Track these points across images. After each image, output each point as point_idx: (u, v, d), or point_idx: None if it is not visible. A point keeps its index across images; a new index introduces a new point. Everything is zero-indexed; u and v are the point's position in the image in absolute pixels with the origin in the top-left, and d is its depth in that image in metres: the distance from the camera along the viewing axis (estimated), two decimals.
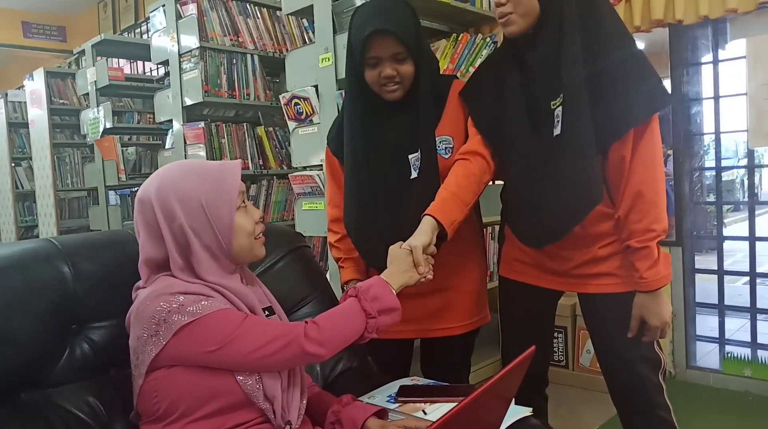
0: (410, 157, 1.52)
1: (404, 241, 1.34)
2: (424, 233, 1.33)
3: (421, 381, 1.41)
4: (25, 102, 5.17)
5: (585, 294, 1.51)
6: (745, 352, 2.80)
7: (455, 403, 1.21)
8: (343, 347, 1.10)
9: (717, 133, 2.86)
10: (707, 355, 2.93)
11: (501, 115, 1.47)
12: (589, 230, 1.43)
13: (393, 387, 1.33)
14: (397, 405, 1.24)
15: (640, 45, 2.96)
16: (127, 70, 5.57)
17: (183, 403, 1.01)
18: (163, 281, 1.06)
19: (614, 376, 1.52)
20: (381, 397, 1.28)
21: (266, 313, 1.17)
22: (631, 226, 1.36)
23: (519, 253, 1.60)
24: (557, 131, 1.35)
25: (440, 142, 1.54)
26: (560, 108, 1.34)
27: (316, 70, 2.43)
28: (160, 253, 1.08)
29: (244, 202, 1.12)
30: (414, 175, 1.52)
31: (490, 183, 1.56)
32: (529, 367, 0.98)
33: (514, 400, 1.11)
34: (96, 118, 3.89)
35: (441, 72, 1.83)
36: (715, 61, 2.82)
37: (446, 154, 1.54)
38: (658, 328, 1.38)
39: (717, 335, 2.91)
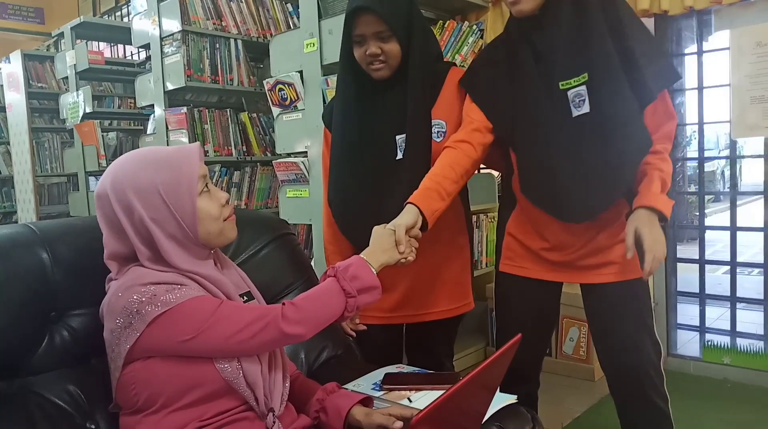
0: (397, 137, 1.53)
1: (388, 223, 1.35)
2: (407, 214, 1.32)
3: (407, 369, 1.41)
4: (1, 85, 5.06)
5: (588, 284, 1.52)
6: (725, 340, 2.84)
7: (441, 391, 1.21)
8: (324, 326, 1.08)
9: (701, 123, 2.88)
10: (688, 343, 2.97)
11: (513, 100, 1.46)
12: (601, 215, 1.43)
13: (378, 375, 1.32)
14: (382, 393, 1.23)
15: None
16: (107, 54, 5.47)
17: (163, 393, 0.99)
18: (134, 272, 1.03)
19: (619, 363, 1.52)
20: (366, 384, 1.28)
21: (244, 298, 1.15)
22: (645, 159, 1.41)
23: (520, 248, 1.59)
24: (583, 110, 1.36)
25: (433, 126, 1.54)
26: (583, 87, 1.35)
27: (301, 56, 2.41)
28: (125, 247, 1.05)
29: (206, 186, 1.08)
30: (399, 155, 1.52)
31: (476, 172, 1.56)
32: (524, 362, 0.98)
33: (498, 388, 1.11)
34: (76, 102, 3.81)
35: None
36: (700, 52, 2.83)
37: (438, 137, 1.55)
38: (650, 238, 1.33)
39: (697, 324, 2.95)
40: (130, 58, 5.61)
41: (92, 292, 1.14)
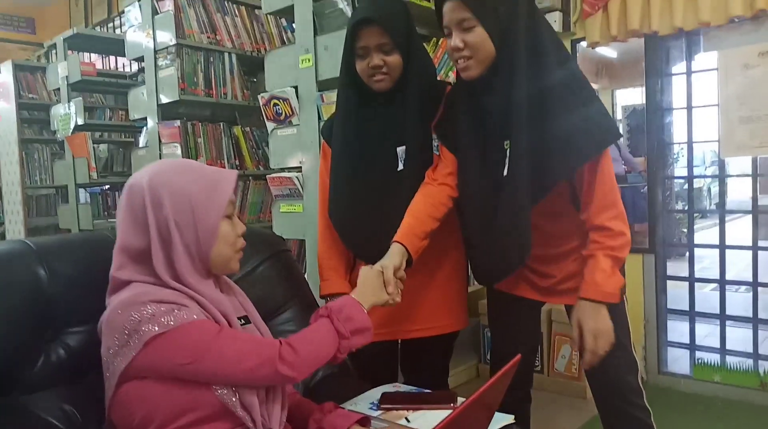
0: (398, 149, 1.56)
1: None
2: (394, 255, 1.39)
3: (403, 387, 1.40)
4: None
5: (567, 305, 1.54)
6: (715, 358, 2.86)
7: (438, 411, 1.22)
8: (315, 369, 1.09)
9: (690, 142, 2.92)
10: (678, 361, 2.99)
11: (457, 151, 1.52)
12: (560, 250, 1.49)
13: (375, 394, 1.32)
14: (380, 412, 1.23)
15: (615, 54, 3.02)
16: (99, 65, 5.45)
17: (158, 415, 0.98)
18: (135, 288, 1.02)
19: (595, 378, 1.55)
20: (363, 404, 1.27)
21: (242, 322, 1.14)
22: (589, 237, 1.42)
23: None
24: (505, 172, 1.39)
25: (434, 140, 1.57)
26: (509, 150, 1.39)
27: (296, 71, 2.42)
28: (140, 242, 1.04)
29: (232, 213, 1.11)
30: (400, 167, 1.55)
31: None
32: (520, 373, 0.99)
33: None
34: (67, 113, 3.79)
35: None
36: (689, 72, 2.88)
37: (438, 151, 1.58)
38: (589, 333, 1.37)
39: (687, 341, 2.97)
40: (122, 69, 5.60)
41: (89, 309, 1.13)
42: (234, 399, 1.01)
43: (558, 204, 1.45)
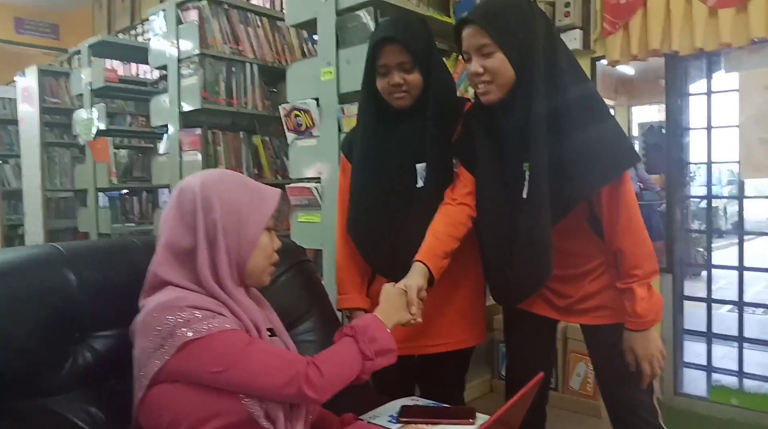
0: (417, 166, 1.57)
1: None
2: (417, 275, 1.39)
3: (422, 401, 1.41)
4: (14, 98, 5.11)
5: (584, 324, 1.56)
6: (732, 380, 2.82)
7: (457, 426, 1.22)
8: (339, 390, 1.09)
9: (709, 163, 2.91)
10: (694, 382, 2.95)
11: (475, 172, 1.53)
12: (577, 270, 1.50)
13: (394, 407, 1.33)
14: (399, 426, 1.24)
15: (633, 71, 3.02)
16: (120, 72, 5.53)
17: (186, 419, 1.00)
18: (172, 292, 1.05)
19: (610, 397, 1.56)
20: (383, 417, 1.28)
21: (269, 334, 1.16)
22: (618, 270, 1.44)
23: None
24: (525, 194, 1.40)
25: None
26: (528, 172, 1.40)
27: (317, 83, 2.44)
28: (185, 243, 1.07)
29: (273, 227, 1.15)
30: (420, 184, 1.57)
31: None
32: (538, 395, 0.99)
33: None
34: (89, 118, 3.85)
35: None
36: (709, 93, 2.87)
37: (456, 168, 1.59)
38: (645, 360, 1.43)
39: (703, 362, 2.94)
40: (142, 76, 5.68)
41: (114, 314, 1.17)
42: (260, 410, 1.02)
43: (575, 224, 1.46)
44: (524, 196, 1.40)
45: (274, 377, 1.01)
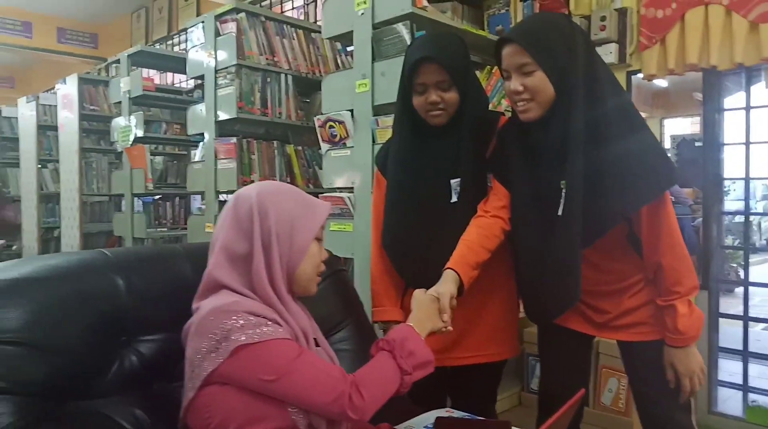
0: (452, 181, 1.58)
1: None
2: (449, 282, 1.40)
3: (456, 413, 1.41)
4: (55, 105, 5.26)
5: (621, 340, 1.55)
6: None
7: None
8: (379, 408, 1.10)
9: (747, 178, 2.86)
10: (729, 401, 2.89)
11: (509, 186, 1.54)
12: (615, 286, 1.49)
13: (429, 418, 1.33)
14: None
15: (667, 83, 2.98)
16: (156, 81, 5.66)
17: (233, 421, 1.02)
18: (228, 296, 1.08)
19: (646, 416, 1.54)
20: (417, 428, 1.28)
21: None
22: (658, 286, 1.44)
23: None
24: (560, 211, 1.40)
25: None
26: (564, 190, 1.39)
27: (352, 95, 2.47)
28: (241, 248, 1.11)
29: (321, 237, 1.19)
30: (454, 199, 1.57)
31: None
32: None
33: None
34: (127, 126, 3.95)
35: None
36: (747, 108, 2.83)
37: (490, 183, 1.60)
38: (685, 376, 1.42)
39: (739, 381, 2.87)
40: (178, 85, 5.81)
41: (159, 318, 1.20)
42: (304, 420, 1.04)
43: (614, 241, 1.45)
44: (559, 213, 1.40)
45: (321, 395, 1.03)
